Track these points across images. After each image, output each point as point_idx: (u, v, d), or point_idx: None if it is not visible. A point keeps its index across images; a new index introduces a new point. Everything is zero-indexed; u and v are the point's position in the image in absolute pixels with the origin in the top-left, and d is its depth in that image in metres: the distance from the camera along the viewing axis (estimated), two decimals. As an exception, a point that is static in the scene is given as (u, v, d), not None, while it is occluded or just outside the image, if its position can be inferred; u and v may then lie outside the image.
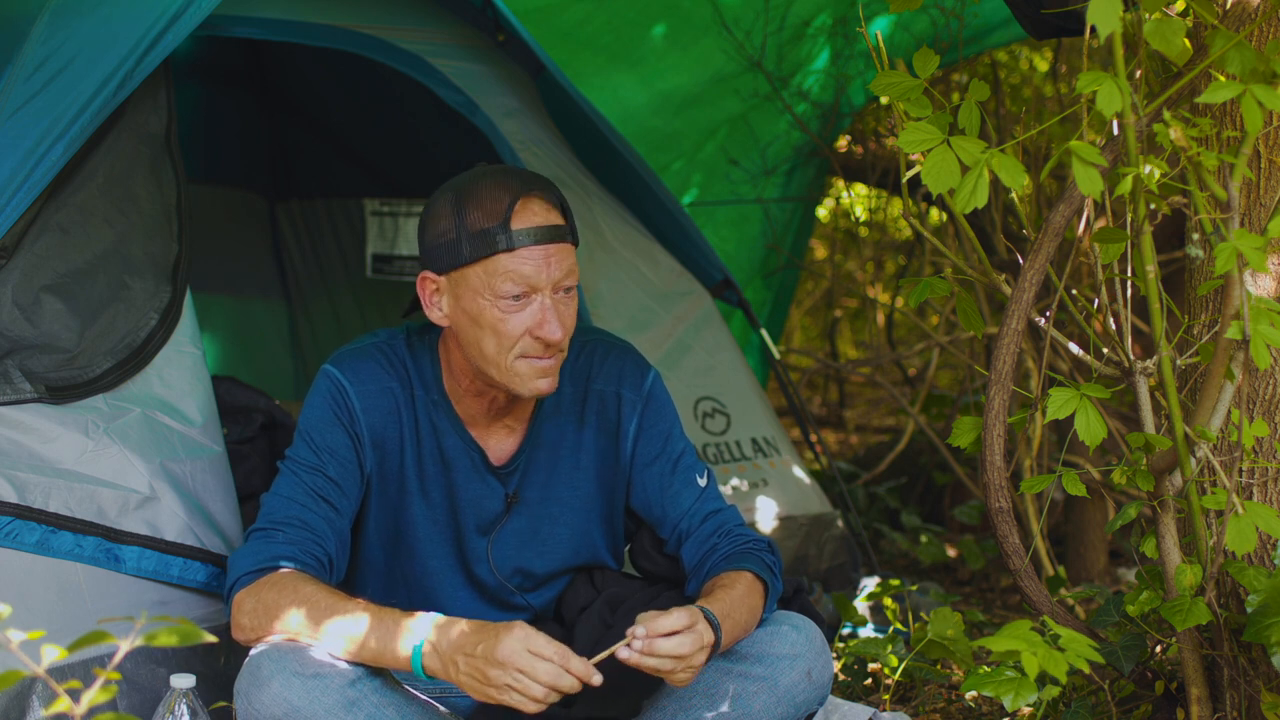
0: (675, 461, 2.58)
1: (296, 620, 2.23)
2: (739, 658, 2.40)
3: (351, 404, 2.45)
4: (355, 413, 2.45)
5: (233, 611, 2.31)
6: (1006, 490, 2.59)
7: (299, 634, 2.24)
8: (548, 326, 2.35)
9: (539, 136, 3.73)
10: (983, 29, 4.58)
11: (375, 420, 2.47)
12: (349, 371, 2.47)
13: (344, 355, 2.50)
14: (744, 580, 2.40)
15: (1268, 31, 2.40)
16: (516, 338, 2.36)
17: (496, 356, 2.38)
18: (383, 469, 2.50)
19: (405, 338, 2.54)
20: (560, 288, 2.37)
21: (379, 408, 2.47)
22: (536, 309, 2.35)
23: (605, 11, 4.27)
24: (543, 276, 2.34)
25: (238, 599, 2.30)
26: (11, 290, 2.52)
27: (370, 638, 2.19)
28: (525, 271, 2.33)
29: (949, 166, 2.23)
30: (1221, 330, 2.18)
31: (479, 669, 2.09)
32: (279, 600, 2.25)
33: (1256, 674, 2.40)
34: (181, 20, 2.62)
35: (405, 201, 4.92)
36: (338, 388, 2.46)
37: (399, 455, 2.50)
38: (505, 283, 2.34)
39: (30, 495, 2.40)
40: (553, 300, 2.36)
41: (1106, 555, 4.30)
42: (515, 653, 2.08)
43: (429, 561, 2.55)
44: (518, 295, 2.34)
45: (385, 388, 2.48)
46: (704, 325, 3.97)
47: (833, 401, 7.04)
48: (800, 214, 5.22)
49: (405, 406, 2.49)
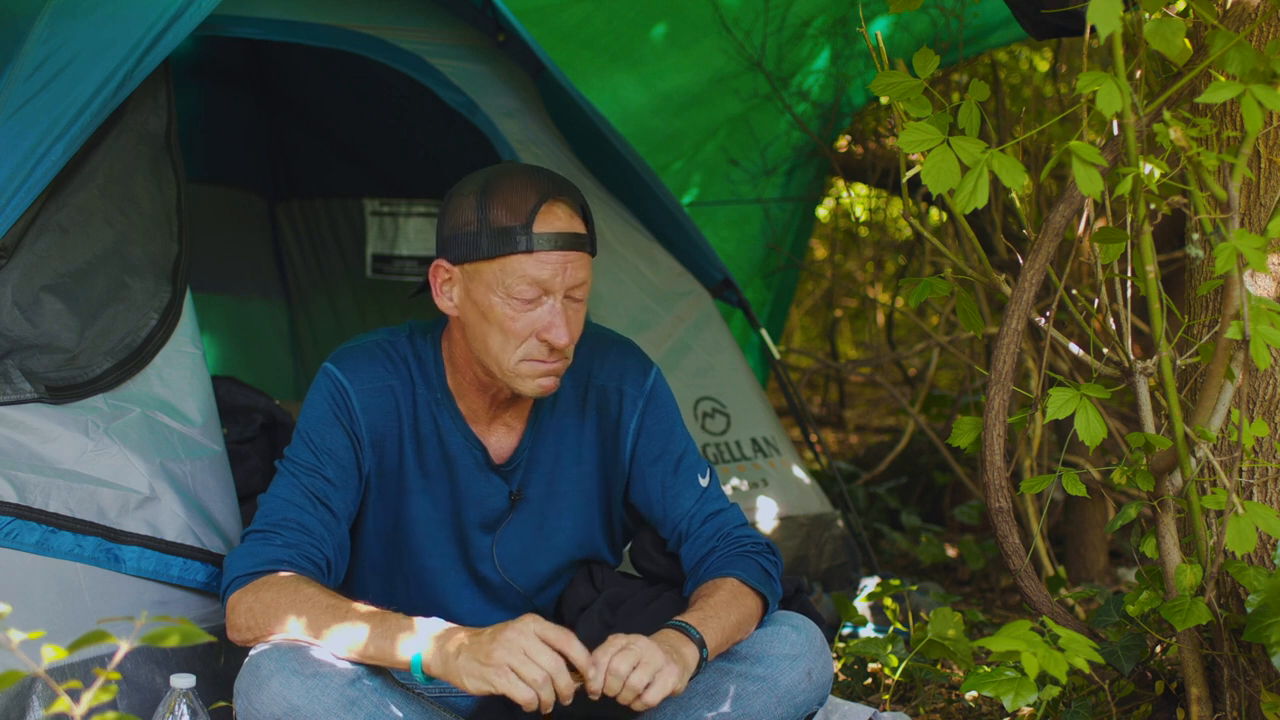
0: (677, 461, 2.58)
1: (294, 622, 2.23)
2: (739, 658, 2.40)
3: (351, 403, 2.45)
4: (355, 412, 2.45)
5: (228, 612, 2.31)
6: (1006, 490, 2.59)
7: (297, 635, 2.24)
8: (555, 330, 2.35)
9: (539, 136, 3.73)
10: (983, 29, 4.58)
11: (375, 419, 2.47)
12: (349, 370, 2.47)
13: (344, 353, 2.50)
14: (726, 586, 2.42)
15: (1268, 31, 2.40)
16: (523, 338, 2.36)
17: (500, 354, 2.38)
18: (382, 468, 2.50)
19: (407, 334, 2.54)
20: (573, 294, 2.38)
21: (379, 406, 2.47)
22: (546, 312, 2.36)
23: (605, 11, 4.27)
24: (557, 281, 2.35)
25: (233, 600, 2.31)
26: (11, 290, 2.52)
27: (369, 640, 2.19)
28: (541, 275, 2.34)
29: (949, 166, 2.23)
30: (1221, 330, 2.18)
31: (483, 648, 2.10)
32: (277, 601, 2.26)
33: (1256, 674, 2.40)
34: (181, 20, 2.62)
35: (405, 201, 4.92)
36: (337, 387, 2.46)
37: (399, 454, 2.50)
38: (520, 283, 2.34)
39: (30, 495, 2.40)
40: (563, 305, 2.37)
41: (1106, 555, 4.30)
42: (524, 633, 2.11)
43: (430, 560, 2.55)
44: (530, 297, 2.35)
45: (385, 386, 2.48)
46: (704, 325, 3.97)
47: (833, 401, 7.04)
48: (800, 214, 5.23)
49: (406, 404, 2.49)
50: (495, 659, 2.09)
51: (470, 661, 2.11)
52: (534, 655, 2.10)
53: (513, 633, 2.11)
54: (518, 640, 2.10)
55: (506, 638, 2.11)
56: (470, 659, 2.11)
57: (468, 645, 2.13)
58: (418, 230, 4.93)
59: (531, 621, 2.14)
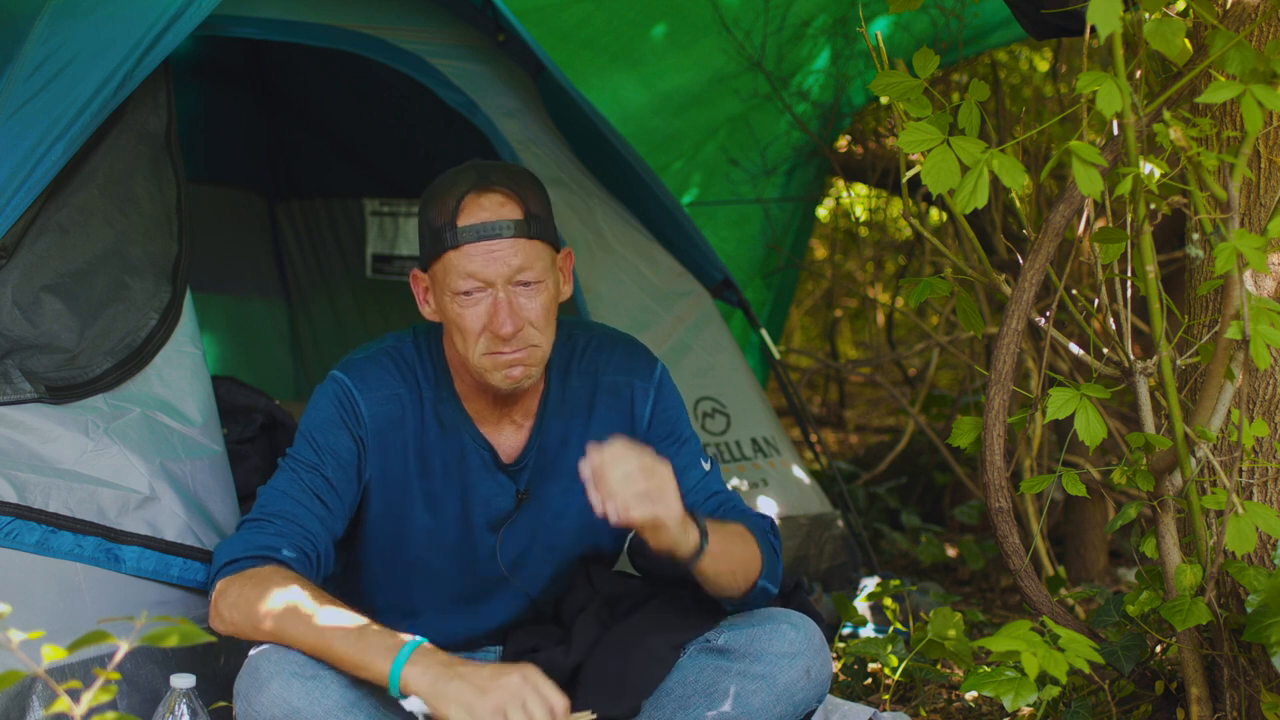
0: (683, 443, 2.60)
1: (275, 619, 2.22)
2: (738, 656, 2.40)
3: (359, 409, 2.46)
4: (362, 418, 2.46)
5: (214, 597, 2.30)
6: (1006, 490, 2.59)
7: (276, 632, 2.22)
8: (498, 320, 2.35)
9: (539, 136, 3.73)
10: (983, 29, 4.57)
11: (382, 426, 2.48)
12: (357, 377, 2.48)
13: (352, 362, 2.51)
14: (736, 526, 2.43)
15: (1268, 31, 2.40)
16: (477, 333, 2.38)
17: (464, 351, 2.41)
18: (385, 475, 2.49)
19: (413, 339, 2.55)
20: (516, 281, 2.37)
21: (386, 414, 2.48)
22: (490, 304, 2.36)
23: (605, 11, 4.27)
24: (491, 271, 2.35)
25: (221, 585, 2.30)
26: (11, 290, 2.52)
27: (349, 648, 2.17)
28: (472, 268, 2.35)
29: (949, 166, 2.23)
30: (1221, 330, 2.18)
31: (482, 683, 2.09)
32: (261, 594, 2.24)
33: (1256, 674, 2.40)
34: (181, 20, 2.62)
35: (405, 201, 4.92)
36: (345, 393, 2.47)
37: (403, 460, 2.50)
38: (457, 279, 2.36)
39: (30, 495, 2.40)
40: (507, 294, 2.36)
41: (1106, 555, 4.30)
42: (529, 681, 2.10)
43: (432, 563, 2.55)
44: (469, 290, 2.36)
45: (393, 394, 2.49)
46: (704, 325, 3.97)
47: (833, 401, 7.04)
48: (800, 214, 5.22)
49: (412, 411, 2.50)
50: (492, 698, 2.08)
51: (465, 691, 2.09)
52: (531, 708, 2.08)
53: (517, 678, 2.10)
54: (521, 689, 2.09)
55: (510, 682, 2.10)
56: (466, 688, 2.09)
57: (464, 673, 2.11)
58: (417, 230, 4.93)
59: (534, 674, 2.13)
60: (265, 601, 2.24)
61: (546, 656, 2.51)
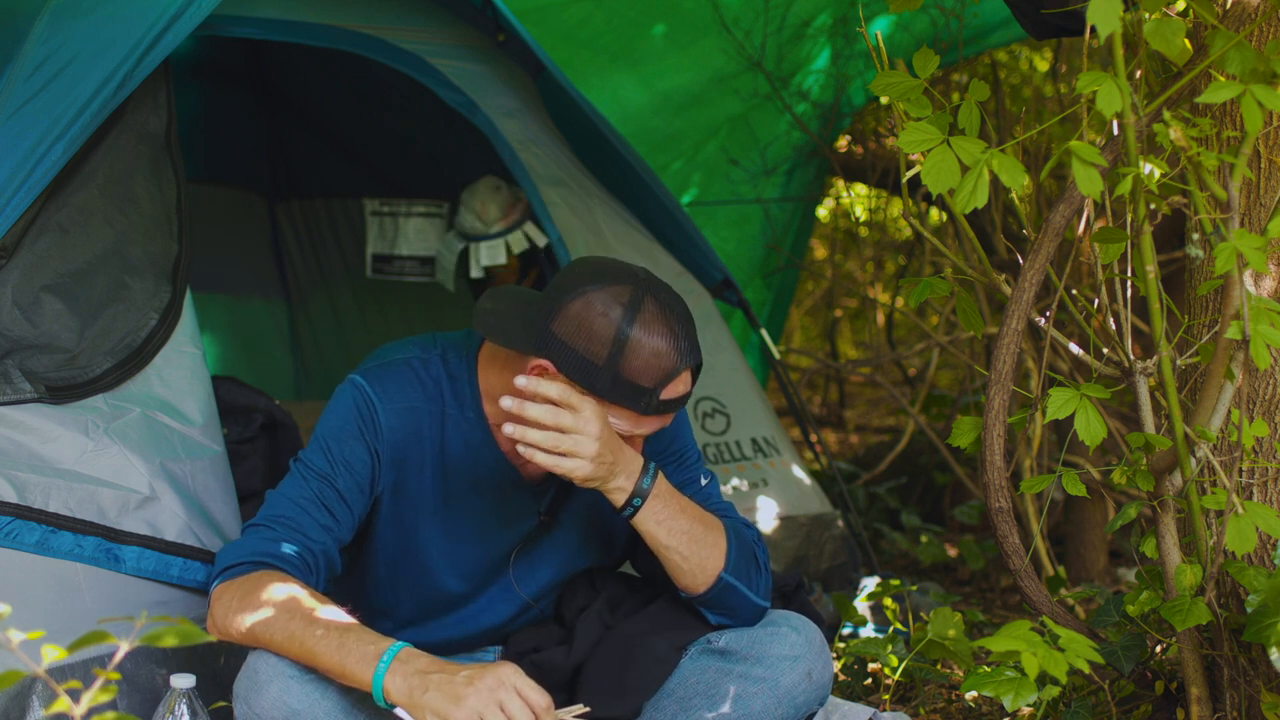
0: (681, 458, 2.58)
1: (264, 626, 2.20)
2: (740, 658, 2.40)
3: (378, 420, 2.41)
4: (380, 429, 2.41)
5: (212, 600, 2.28)
6: (1006, 490, 2.59)
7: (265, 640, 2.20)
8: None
9: (539, 136, 3.73)
10: (983, 29, 4.58)
11: (399, 439, 2.43)
12: (378, 386, 2.42)
13: (374, 369, 2.45)
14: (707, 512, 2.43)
15: (1268, 31, 2.40)
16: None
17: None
18: (398, 487, 2.46)
19: (440, 353, 2.48)
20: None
21: (404, 426, 2.43)
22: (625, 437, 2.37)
23: (605, 11, 4.27)
24: (649, 429, 2.36)
25: (219, 589, 2.28)
26: (11, 290, 2.52)
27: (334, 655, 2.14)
28: (644, 431, 2.35)
29: (949, 166, 2.23)
30: (1221, 330, 2.18)
31: (456, 689, 2.07)
32: (253, 600, 2.22)
33: (1256, 674, 2.40)
34: (181, 20, 2.62)
35: (405, 201, 4.93)
36: (366, 401, 2.41)
37: (419, 474, 2.46)
38: (624, 423, 2.33)
39: (30, 495, 2.40)
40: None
41: (1106, 555, 4.30)
42: (503, 683, 2.07)
43: (443, 578, 2.52)
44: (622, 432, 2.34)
45: (412, 406, 2.43)
46: (704, 325, 3.96)
47: (833, 401, 7.04)
48: (800, 214, 5.23)
49: (432, 426, 2.45)
50: (467, 704, 2.06)
51: (440, 699, 2.07)
52: (508, 709, 2.06)
53: (492, 680, 2.08)
54: (495, 692, 2.07)
55: (485, 685, 2.07)
56: (440, 696, 2.07)
57: (438, 682, 2.08)
58: (417, 230, 4.94)
59: (512, 673, 2.10)
60: (257, 608, 2.21)
61: (548, 656, 2.51)
